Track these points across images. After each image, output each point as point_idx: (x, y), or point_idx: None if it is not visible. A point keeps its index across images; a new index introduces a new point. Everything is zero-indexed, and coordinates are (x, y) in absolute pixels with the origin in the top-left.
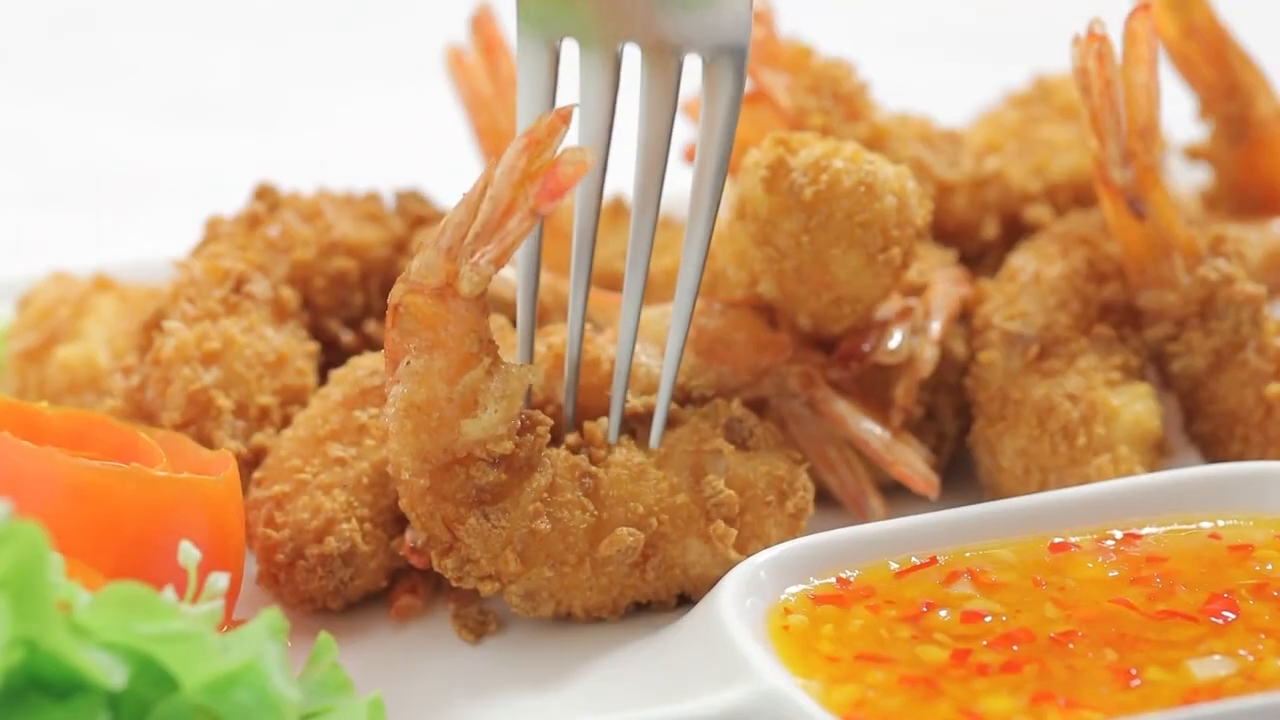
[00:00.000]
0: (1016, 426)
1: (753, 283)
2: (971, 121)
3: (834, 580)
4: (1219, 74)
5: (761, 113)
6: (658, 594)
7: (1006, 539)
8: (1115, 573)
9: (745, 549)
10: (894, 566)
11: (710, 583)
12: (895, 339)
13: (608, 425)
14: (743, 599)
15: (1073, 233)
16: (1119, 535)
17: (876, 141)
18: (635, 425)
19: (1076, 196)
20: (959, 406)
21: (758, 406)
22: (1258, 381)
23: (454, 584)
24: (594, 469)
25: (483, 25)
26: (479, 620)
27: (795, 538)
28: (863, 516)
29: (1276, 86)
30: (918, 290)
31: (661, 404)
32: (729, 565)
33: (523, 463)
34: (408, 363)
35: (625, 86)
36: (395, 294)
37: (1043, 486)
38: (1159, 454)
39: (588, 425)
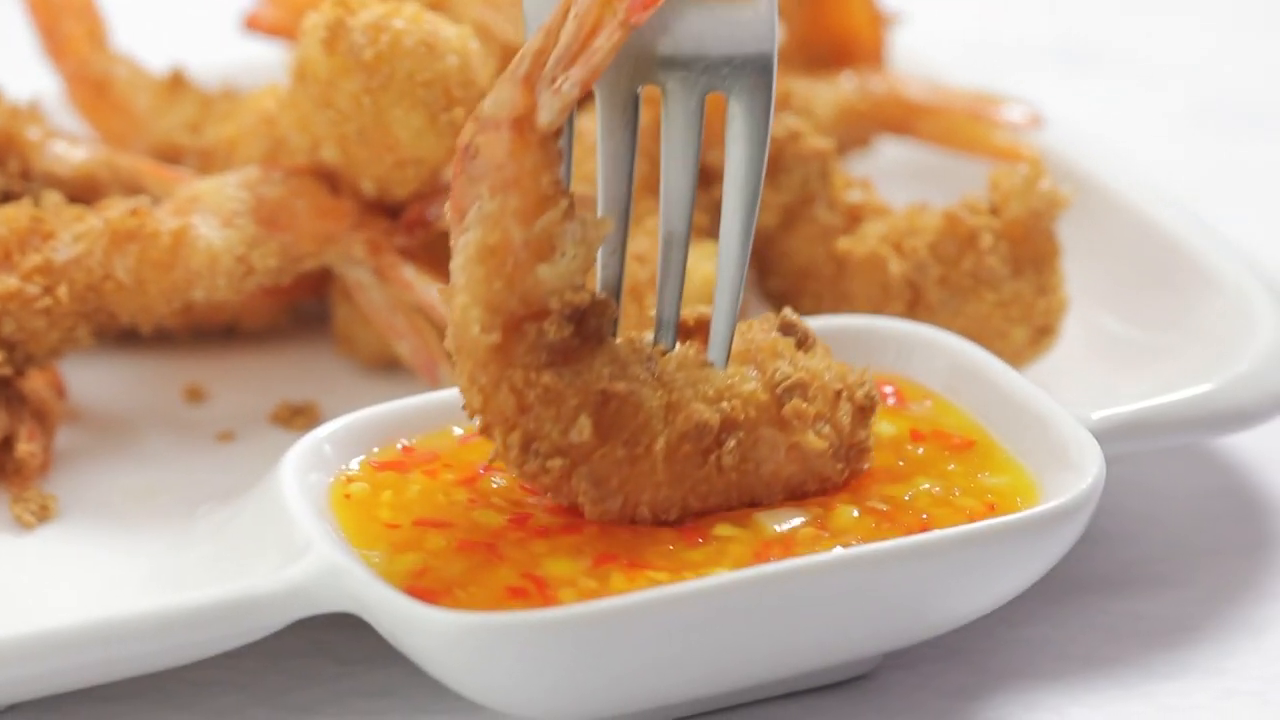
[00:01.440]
0: None
1: (315, 148)
2: None
3: (397, 448)
4: None
5: None
6: (726, 497)
7: None
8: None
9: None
10: (458, 432)
11: (782, 482)
12: None
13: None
14: (305, 473)
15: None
16: None
17: (438, 4)
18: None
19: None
20: None
21: (324, 275)
22: (828, 237)
23: (518, 468)
24: (654, 350)
25: None
26: (40, 505)
27: (866, 430)
28: (434, 384)
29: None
30: None
31: (723, 314)
32: (804, 451)
33: (593, 331)
34: (479, 207)
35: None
36: (465, 134)
37: None
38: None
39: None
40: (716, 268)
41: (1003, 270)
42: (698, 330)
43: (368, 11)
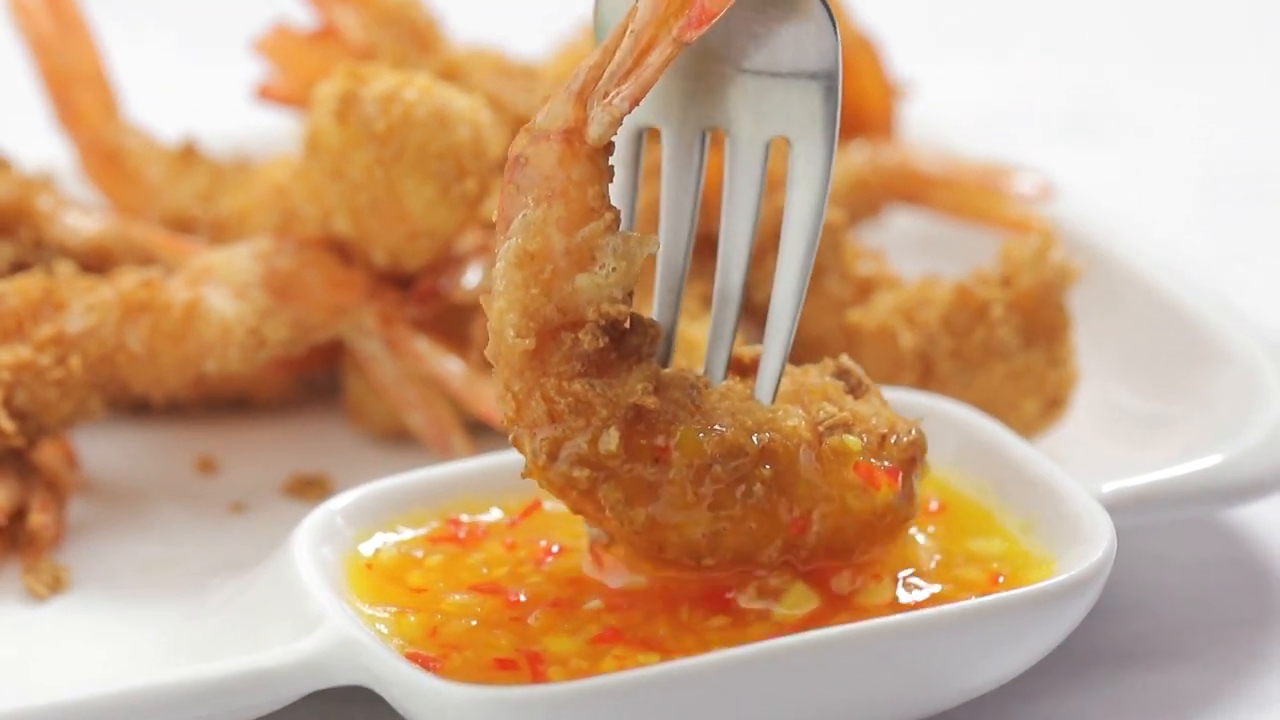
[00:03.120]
0: None
1: (327, 219)
2: (547, 53)
3: (425, 519)
4: None
5: (332, 48)
6: (755, 539)
7: None
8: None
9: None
10: (495, 508)
11: (817, 523)
12: (473, 275)
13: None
14: (317, 545)
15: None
16: None
17: (450, 74)
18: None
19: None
20: None
21: (335, 347)
22: (839, 309)
23: (544, 478)
24: (700, 380)
25: None
26: (52, 576)
27: (910, 477)
28: (446, 455)
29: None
30: (496, 224)
31: (773, 355)
32: (844, 492)
33: (633, 349)
34: (523, 215)
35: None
36: (517, 145)
37: None
38: None
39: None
40: (770, 305)
41: (1014, 342)
42: (751, 369)
43: (379, 82)
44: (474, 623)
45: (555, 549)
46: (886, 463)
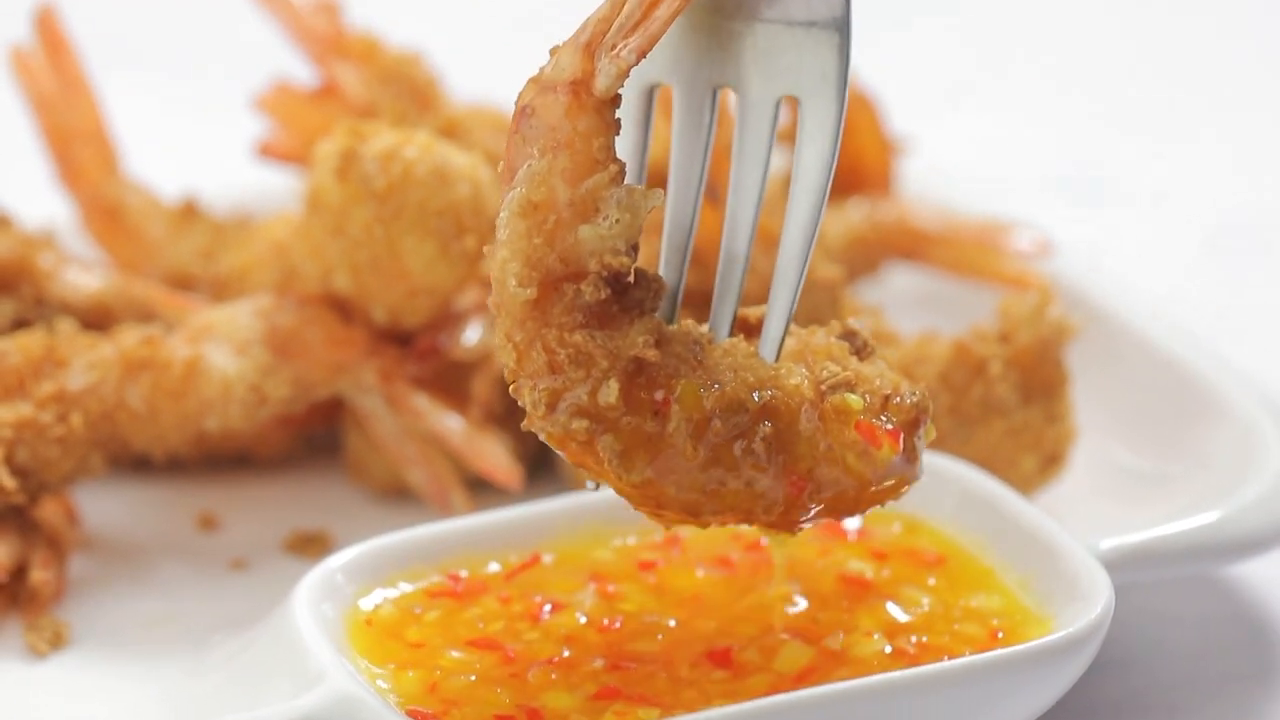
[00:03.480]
0: None
1: (327, 277)
2: None
3: (427, 575)
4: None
5: (332, 106)
6: (754, 496)
7: (591, 530)
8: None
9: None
10: (494, 564)
11: (818, 483)
12: (472, 332)
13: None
14: (318, 603)
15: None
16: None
17: (450, 132)
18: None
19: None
20: None
21: (335, 403)
22: None
23: (543, 429)
24: (703, 336)
25: (46, 25)
26: (53, 632)
27: (913, 439)
28: (446, 512)
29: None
30: None
31: (778, 313)
32: (844, 451)
33: (635, 303)
34: (528, 165)
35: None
36: (524, 95)
37: None
38: None
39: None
40: (776, 264)
41: (1012, 399)
42: (757, 330)
43: (379, 140)
44: (473, 678)
45: (548, 607)
46: (889, 423)
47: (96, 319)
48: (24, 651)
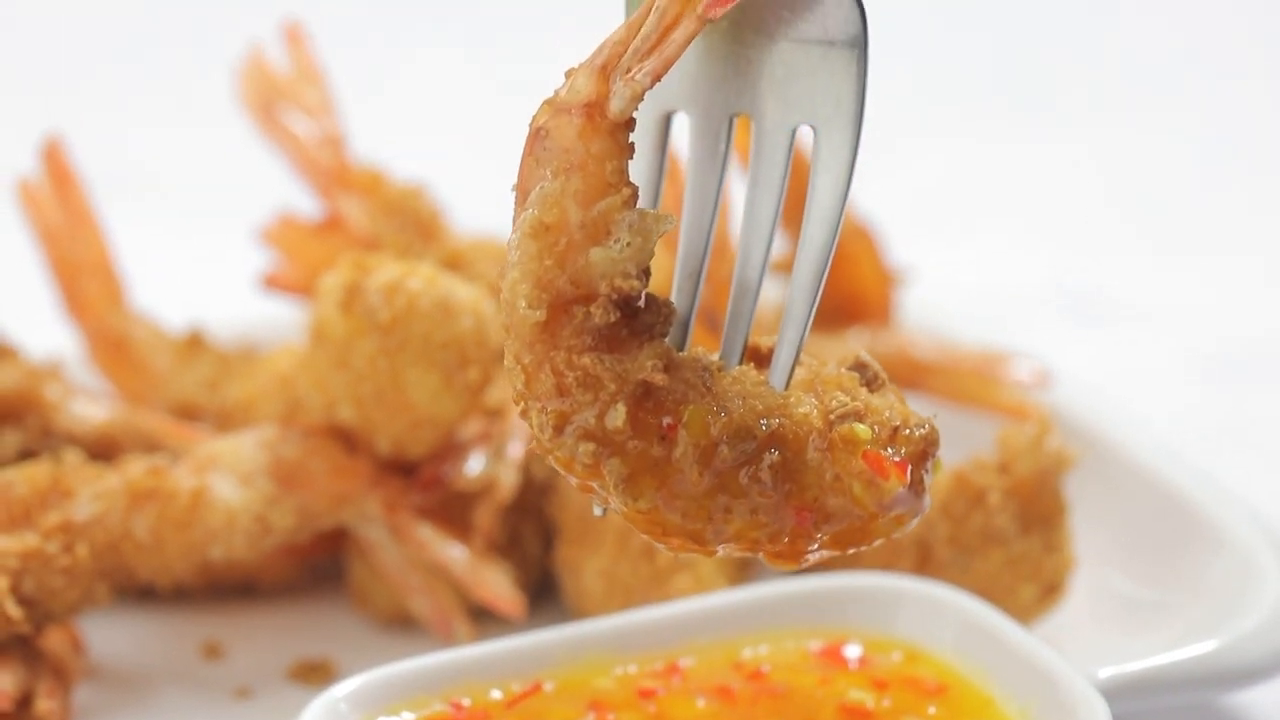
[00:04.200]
0: (598, 548)
1: (331, 408)
2: None
3: (434, 705)
4: (793, 189)
5: (337, 238)
6: (760, 525)
7: (592, 658)
8: (702, 701)
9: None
10: (496, 691)
11: (825, 515)
12: (475, 463)
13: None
14: None
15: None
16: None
17: (453, 264)
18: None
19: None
20: (544, 529)
21: (339, 533)
22: None
23: (549, 453)
24: (713, 364)
25: (53, 157)
26: None
27: (922, 471)
28: (450, 641)
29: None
30: (499, 412)
31: (788, 343)
32: (851, 481)
33: (645, 328)
34: (541, 187)
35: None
36: (538, 117)
37: (626, 605)
38: (741, 568)
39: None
40: (787, 293)
41: (1011, 528)
42: (768, 360)
43: (383, 272)
44: None
45: None
46: (898, 455)
47: (103, 450)
48: None
